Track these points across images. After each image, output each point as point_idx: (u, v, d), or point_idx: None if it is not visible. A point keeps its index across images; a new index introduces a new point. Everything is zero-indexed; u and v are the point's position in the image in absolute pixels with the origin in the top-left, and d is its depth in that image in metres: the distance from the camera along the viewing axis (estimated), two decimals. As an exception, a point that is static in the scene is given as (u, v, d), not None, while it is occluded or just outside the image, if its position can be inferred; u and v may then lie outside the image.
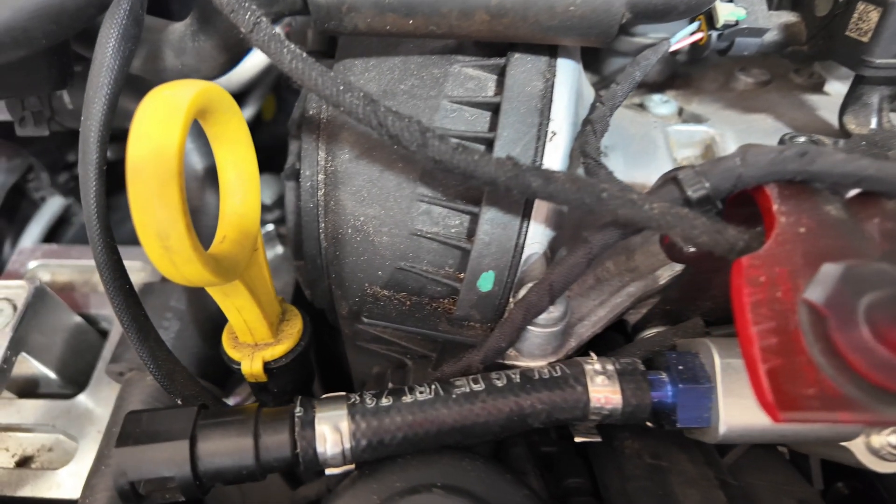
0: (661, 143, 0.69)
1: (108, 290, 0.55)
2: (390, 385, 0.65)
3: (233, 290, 0.54)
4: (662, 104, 0.78)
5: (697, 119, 0.74)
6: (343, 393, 0.55)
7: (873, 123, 0.65)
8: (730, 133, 0.70)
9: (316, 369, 1.03)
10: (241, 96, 1.19)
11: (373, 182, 0.57)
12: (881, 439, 0.56)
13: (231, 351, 0.60)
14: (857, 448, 0.57)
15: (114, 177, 0.54)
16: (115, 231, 0.56)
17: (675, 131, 0.71)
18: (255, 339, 0.60)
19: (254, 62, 1.16)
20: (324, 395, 0.55)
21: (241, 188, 0.56)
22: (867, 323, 0.40)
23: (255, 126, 1.26)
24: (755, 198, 0.49)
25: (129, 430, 0.51)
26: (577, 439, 0.58)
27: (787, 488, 0.65)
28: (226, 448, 0.51)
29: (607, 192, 0.47)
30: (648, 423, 0.70)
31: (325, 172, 0.59)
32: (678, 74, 0.87)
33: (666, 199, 0.48)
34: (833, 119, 0.72)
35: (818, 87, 0.80)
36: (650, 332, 0.65)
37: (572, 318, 0.63)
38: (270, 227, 1.07)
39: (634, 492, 0.64)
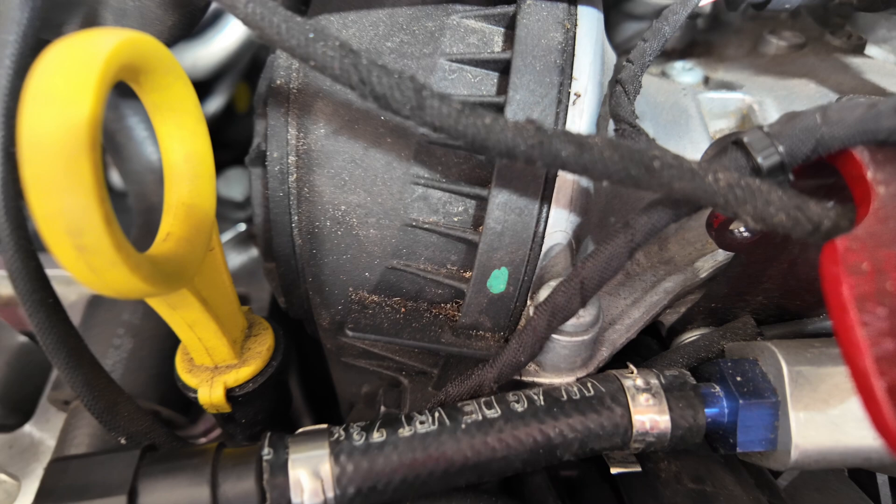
0: (693, 112, 0.59)
1: (26, 304, 0.44)
2: (383, 409, 0.54)
3: (180, 302, 0.43)
4: (686, 72, 0.68)
5: (729, 86, 0.64)
6: (324, 426, 0.44)
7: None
8: (769, 100, 0.61)
9: (300, 389, 0.93)
10: (209, 84, 1.07)
11: (355, 162, 0.46)
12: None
13: (186, 376, 0.49)
14: (951, 469, 0.47)
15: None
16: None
17: (706, 99, 0.61)
18: (215, 361, 0.49)
19: (222, 44, 1.04)
20: (300, 430, 0.44)
21: (190, 172, 0.45)
22: None
23: (226, 118, 1.14)
24: (839, 165, 0.39)
25: (51, 485, 0.40)
26: (614, 470, 0.48)
27: (853, 513, 0.56)
28: (175, 502, 0.40)
29: (659, 160, 0.36)
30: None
31: (297, 153, 0.48)
32: (697, 42, 0.77)
33: (730, 168, 0.38)
34: (887, 83, 0.63)
35: (859, 50, 0.71)
36: (692, 335, 0.55)
37: (603, 321, 0.53)
38: (242, 226, 0.96)
39: (677, 525, 0.54)
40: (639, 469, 0.48)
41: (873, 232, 0.35)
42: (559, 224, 0.47)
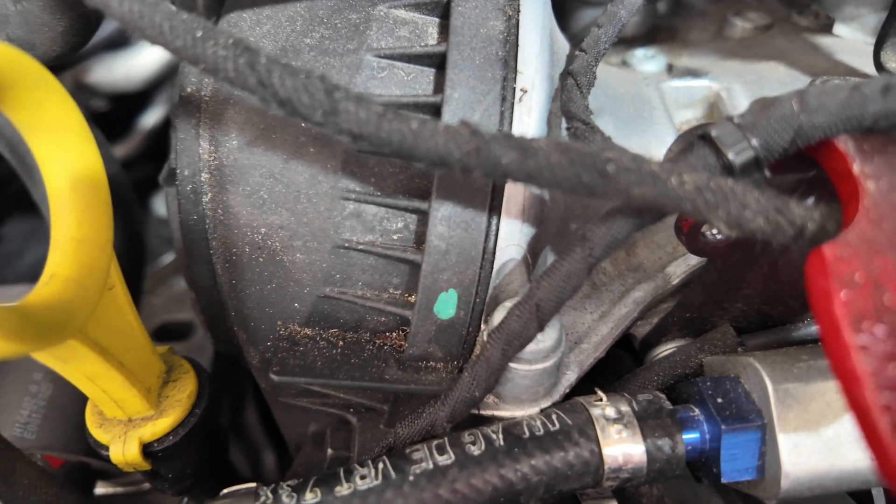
0: (656, 103, 0.54)
1: None
2: (330, 452, 0.48)
3: (71, 354, 0.36)
4: (648, 60, 0.63)
5: (694, 73, 0.59)
6: (252, 485, 0.38)
7: (918, 59, 0.51)
8: (738, 86, 0.56)
9: (261, 423, 0.86)
10: (146, 95, 1.00)
11: (275, 177, 0.41)
12: None
13: (97, 431, 0.43)
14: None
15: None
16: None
17: (671, 88, 0.56)
18: (128, 413, 0.43)
19: (157, 52, 0.97)
20: (225, 491, 0.38)
21: (80, 201, 0.38)
22: None
23: (166, 134, 1.07)
24: (820, 158, 0.34)
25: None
26: (587, 509, 0.43)
27: (850, 531, 0.51)
28: None
29: (614, 163, 0.31)
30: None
31: (210, 170, 0.42)
32: (659, 27, 0.72)
33: (697, 168, 0.33)
34: (858, 63, 0.59)
35: (827, 29, 0.66)
36: (667, 349, 0.50)
37: (567, 340, 0.48)
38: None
39: (661, 556, 0.49)
40: (615, 505, 0.43)
41: (866, 236, 0.30)
42: (511, 237, 0.41)
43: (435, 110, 0.40)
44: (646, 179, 0.31)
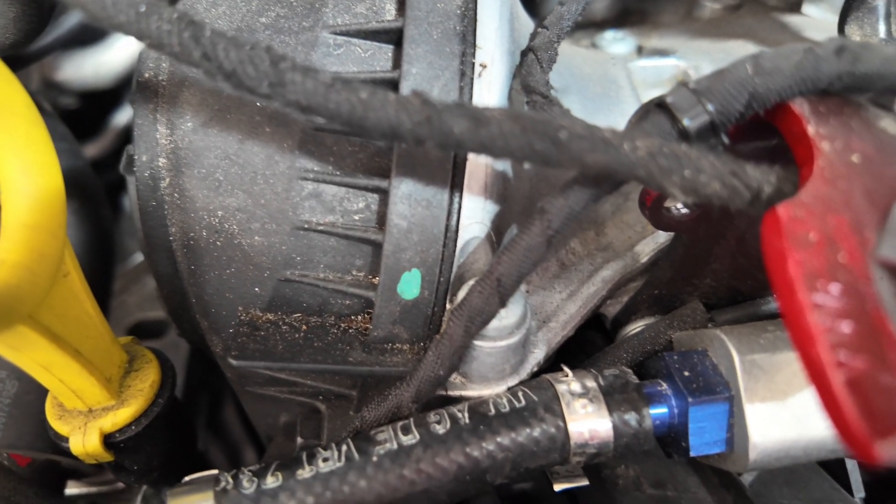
0: (623, 82, 0.54)
1: None
2: (300, 441, 0.48)
3: (21, 342, 0.35)
4: (617, 42, 0.63)
5: (663, 53, 0.59)
6: (213, 472, 0.37)
7: (881, 32, 0.51)
8: (706, 64, 0.56)
9: (239, 417, 0.85)
10: (115, 94, 0.98)
11: (230, 159, 0.40)
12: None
13: (56, 423, 0.42)
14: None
15: None
16: None
17: (638, 68, 0.56)
18: (88, 404, 0.42)
19: (128, 48, 0.95)
20: (186, 479, 0.37)
21: (30, 186, 0.37)
22: None
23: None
24: (777, 122, 0.34)
25: None
26: (557, 487, 0.42)
27: (826, 505, 0.51)
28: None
29: (567, 131, 0.31)
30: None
31: (167, 154, 0.41)
32: (630, 10, 0.72)
33: (652, 134, 0.32)
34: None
35: (796, 8, 0.67)
36: (636, 327, 0.50)
37: (535, 319, 0.47)
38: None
39: (637, 537, 0.49)
40: (585, 483, 0.43)
41: (820, 196, 0.29)
42: (474, 215, 0.41)
43: (393, 87, 0.39)
44: (598, 146, 0.31)
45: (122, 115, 0.99)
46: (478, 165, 0.40)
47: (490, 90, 0.40)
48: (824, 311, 0.26)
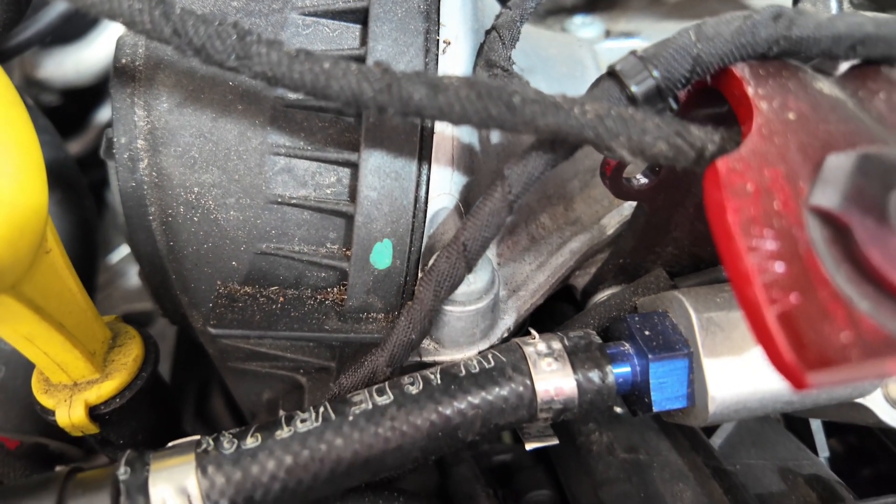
0: (589, 63, 0.56)
1: None
2: (282, 414, 0.49)
3: (5, 312, 0.37)
4: (586, 26, 0.65)
5: (629, 35, 0.61)
6: (195, 438, 0.38)
7: (833, 7, 0.53)
8: (668, 44, 0.58)
9: (223, 398, 0.86)
10: (97, 91, 0.99)
11: (205, 136, 0.41)
12: (903, 388, 0.44)
13: (42, 397, 0.43)
14: (876, 404, 0.45)
15: None
16: None
17: (604, 49, 0.58)
18: (73, 378, 0.43)
19: (108, 46, 0.96)
20: (169, 444, 0.39)
21: (9, 162, 0.39)
22: (908, 226, 0.28)
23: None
24: (720, 86, 0.36)
25: None
26: (529, 446, 0.44)
27: (792, 464, 0.53)
28: (13, 543, 0.34)
29: (520, 96, 0.32)
30: (618, 409, 0.57)
31: (144, 135, 0.43)
32: (598, -2, 0.74)
33: (602, 99, 0.34)
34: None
35: (759, -9, 0.69)
36: (604, 295, 0.52)
37: (505, 289, 0.49)
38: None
39: (611, 500, 0.51)
40: (556, 442, 0.44)
41: (757, 150, 0.31)
42: (443, 186, 0.42)
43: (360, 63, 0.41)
44: (549, 110, 0.32)
45: (104, 113, 0.99)
46: (444, 138, 0.42)
47: (454, 66, 0.42)
48: (759, 254, 0.28)
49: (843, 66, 0.37)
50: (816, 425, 0.60)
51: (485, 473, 0.61)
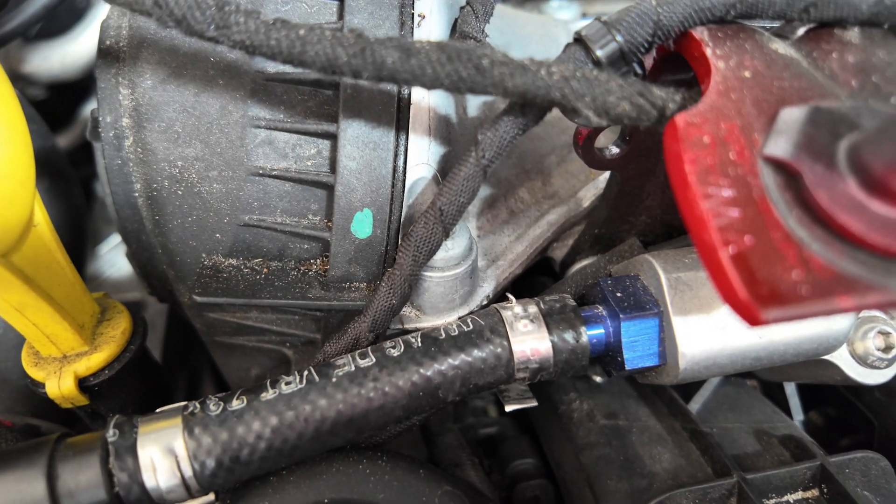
0: (564, 41, 0.57)
1: None
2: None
3: (-5, 280, 0.38)
4: (563, 9, 0.67)
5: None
6: (182, 403, 0.40)
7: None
8: (640, 23, 0.59)
9: (212, 376, 0.86)
10: (84, 85, 0.99)
11: (187, 111, 0.42)
12: (866, 345, 0.46)
13: (32, 370, 0.44)
14: (843, 360, 0.47)
15: None
16: None
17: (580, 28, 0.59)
18: (62, 350, 0.44)
19: (94, 40, 0.97)
20: (159, 409, 0.40)
21: (-4, 138, 0.40)
22: (853, 172, 0.29)
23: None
24: (682, 49, 0.37)
25: None
26: (508, 408, 0.45)
27: (766, 426, 0.55)
28: (7, 502, 0.35)
29: (489, 58, 0.34)
30: (597, 378, 0.59)
31: (129, 113, 0.44)
32: (576, -17, 0.76)
33: (568, 62, 0.36)
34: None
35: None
36: (581, 265, 0.53)
37: (485, 259, 0.50)
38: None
39: (592, 464, 0.52)
40: (534, 404, 0.46)
41: (714, 105, 0.33)
42: (420, 156, 0.44)
43: (337, 39, 0.42)
44: (517, 71, 0.34)
45: (91, 107, 1.00)
46: (421, 109, 0.43)
47: (429, 38, 0.43)
48: (714, 200, 0.30)
49: (801, 30, 0.39)
50: (791, 390, 0.61)
51: (471, 445, 0.62)
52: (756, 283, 0.28)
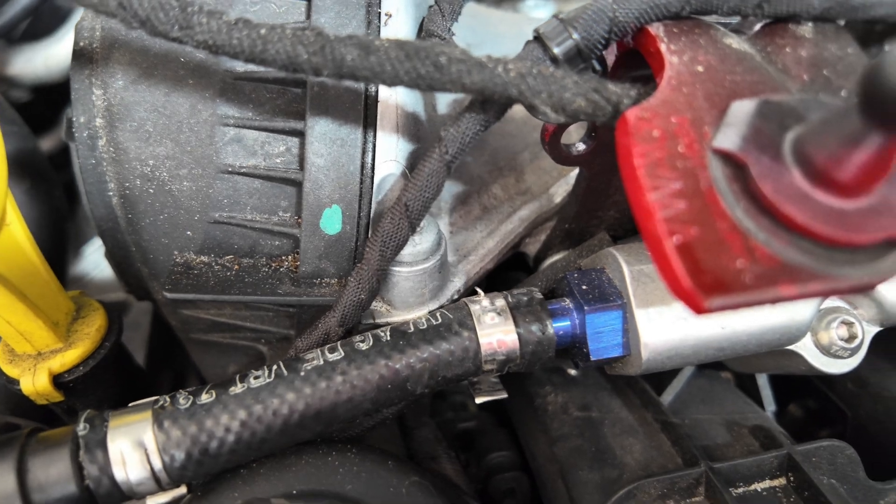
0: (534, 39, 0.58)
1: None
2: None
3: (-36, 278, 0.38)
4: (537, 7, 0.67)
5: (575, 14, 0.63)
6: (154, 397, 0.40)
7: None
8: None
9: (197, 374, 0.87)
10: (67, 88, 0.99)
11: (158, 111, 0.43)
12: (829, 335, 0.47)
13: (7, 367, 0.45)
14: (807, 350, 0.47)
15: None
16: None
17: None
18: (37, 347, 0.45)
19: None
20: (130, 404, 0.40)
21: (-33, 139, 0.40)
22: (798, 163, 0.30)
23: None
24: (639, 46, 0.38)
25: None
26: (478, 399, 0.46)
27: (738, 417, 0.56)
28: (-25, 497, 0.36)
29: (447, 56, 0.34)
30: (572, 371, 0.59)
31: (102, 113, 0.44)
32: (553, -18, 0.77)
33: (525, 60, 0.36)
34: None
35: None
36: (552, 260, 0.54)
37: (456, 255, 0.51)
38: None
39: (565, 455, 0.53)
40: (505, 395, 0.46)
41: (666, 100, 0.34)
42: (388, 153, 0.44)
43: (305, 38, 0.43)
44: (475, 68, 0.34)
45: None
46: (388, 106, 0.44)
47: (396, 36, 0.44)
48: (662, 192, 0.31)
49: (757, 26, 0.40)
50: (763, 381, 0.62)
51: (450, 439, 0.63)
52: (700, 272, 0.29)
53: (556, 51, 0.37)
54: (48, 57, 0.92)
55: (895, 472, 0.48)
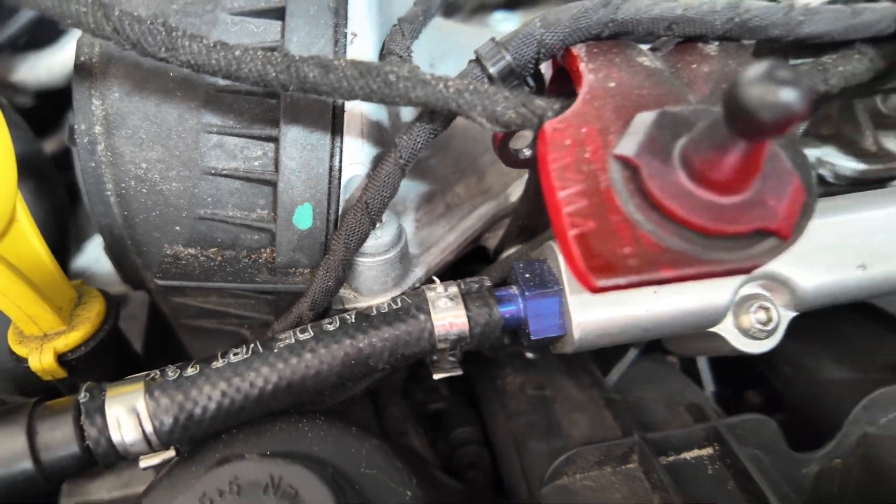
0: (494, 52, 0.63)
1: None
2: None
3: (-19, 267, 0.44)
4: (505, 21, 0.73)
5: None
6: (146, 372, 0.46)
7: None
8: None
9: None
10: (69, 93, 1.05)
11: (150, 119, 0.49)
12: (749, 318, 0.52)
13: (16, 347, 0.51)
14: (729, 333, 0.53)
15: None
16: None
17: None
18: (43, 329, 0.50)
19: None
20: (125, 378, 0.46)
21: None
22: (683, 166, 0.36)
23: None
24: (566, 64, 0.44)
25: None
26: (436, 376, 0.52)
27: (676, 397, 0.61)
28: (-8, 456, 0.41)
29: (395, 73, 0.40)
30: (530, 355, 0.65)
31: (101, 121, 0.50)
32: (521, -4, 0.82)
33: (465, 77, 0.42)
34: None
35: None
36: (508, 253, 0.60)
37: (419, 248, 0.57)
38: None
39: (520, 429, 0.59)
40: (460, 373, 0.52)
41: (579, 112, 0.39)
42: (354, 156, 0.50)
43: (279, 55, 0.48)
44: (419, 85, 0.40)
45: (79, 114, 1.06)
46: (354, 115, 0.50)
47: (361, 54, 0.49)
48: (568, 191, 0.36)
49: (672, 45, 0.45)
50: (703, 364, 0.68)
51: (421, 419, 0.68)
52: (593, 256, 0.34)
53: (492, 70, 0.42)
54: (50, 64, 0.98)
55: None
